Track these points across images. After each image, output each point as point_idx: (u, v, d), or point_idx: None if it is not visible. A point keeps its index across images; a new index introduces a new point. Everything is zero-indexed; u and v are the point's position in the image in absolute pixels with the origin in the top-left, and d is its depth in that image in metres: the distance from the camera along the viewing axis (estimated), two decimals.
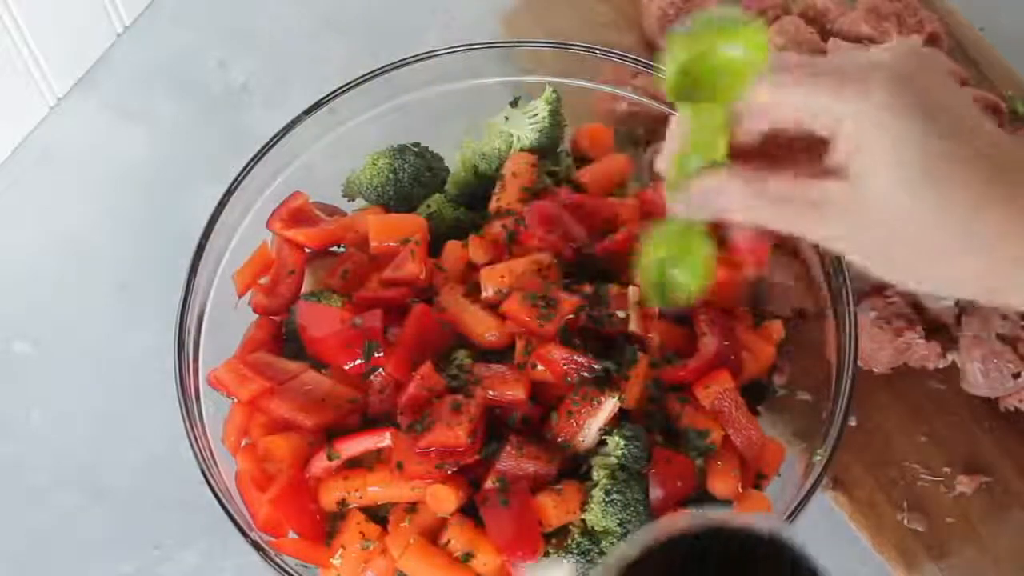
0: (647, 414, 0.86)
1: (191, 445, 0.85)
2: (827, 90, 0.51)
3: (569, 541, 0.83)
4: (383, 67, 0.99)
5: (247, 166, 0.95)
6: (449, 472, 0.82)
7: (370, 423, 0.87)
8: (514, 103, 1.01)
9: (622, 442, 0.83)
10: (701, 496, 0.86)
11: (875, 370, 1.02)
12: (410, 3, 1.28)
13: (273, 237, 0.96)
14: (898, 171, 0.48)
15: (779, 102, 0.54)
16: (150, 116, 1.22)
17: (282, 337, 0.94)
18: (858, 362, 0.86)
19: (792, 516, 0.82)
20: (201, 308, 0.92)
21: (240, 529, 0.82)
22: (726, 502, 0.86)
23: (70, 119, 1.21)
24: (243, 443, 0.89)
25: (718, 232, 0.67)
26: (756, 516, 0.65)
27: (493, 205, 0.96)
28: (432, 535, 0.83)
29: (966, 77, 1.14)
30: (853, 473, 0.99)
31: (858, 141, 0.49)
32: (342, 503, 0.85)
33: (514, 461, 0.82)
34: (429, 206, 0.97)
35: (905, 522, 0.97)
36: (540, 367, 0.85)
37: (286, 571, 0.81)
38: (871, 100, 0.48)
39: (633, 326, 0.87)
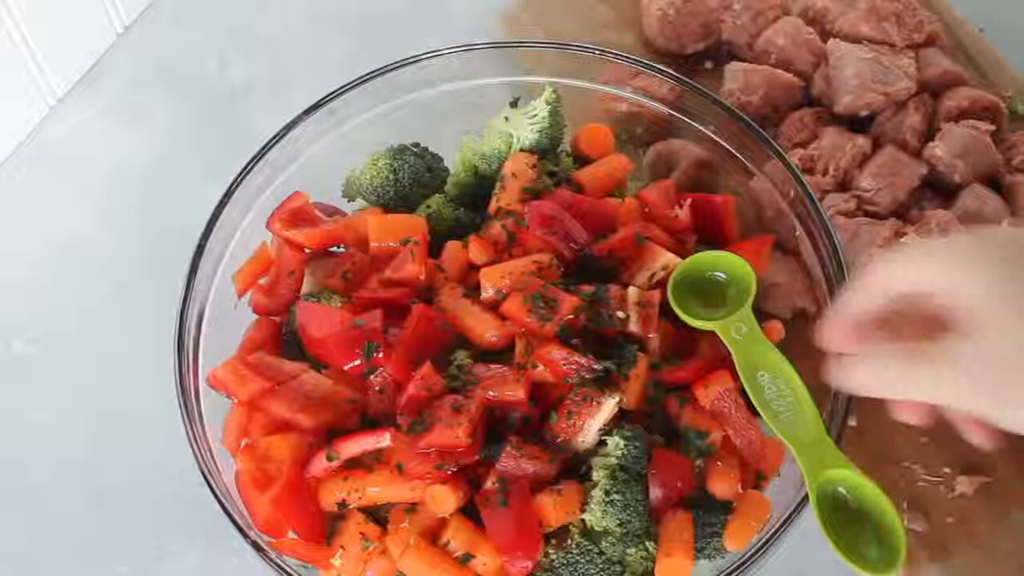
0: (647, 414, 0.87)
1: (191, 445, 0.85)
2: (939, 270, 0.64)
3: (569, 541, 0.83)
4: (383, 67, 0.99)
5: (247, 166, 0.95)
6: (449, 472, 0.82)
7: (370, 423, 0.87)
8: (514, 103, 1.01)
9: (622, 442, 0.83)
10: (701, 496, 0.86)
11: None
12: (410, 3, 1.28)
13: (273, 237, 0.96)
14: (1010, 326, 0.60)
15: (893, 277, 0.67)
16: (150, 116, 1.22)
17: (282, 337, 0.94)
18: None
19: (792, 516, 0.82)
20: (201, 308, 0.92)
21: (240, 529, 0.82)
22: (726, 503, 0.86)
23: (70, 119, 1.21)
24: (243, 443, 0.89)
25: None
26: None
27: (493, 205, 0.96)
28: (432, 535, 0.83)
29: (966, 77, 1.14)
30: None
31: (974, 307, 0.61)
32: (342, 503, 0.85)
33: (514, 462, 0.82)
34: (429, 206, 0.97)
35: (905, 522, 0.97)
36: (540, 367, 0.85)
37: (286, 571, 0.81)
38: (985, 278, 0.62)
39: (633, 326, 0.87)
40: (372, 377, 0.87)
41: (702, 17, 1.18)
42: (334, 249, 0.97)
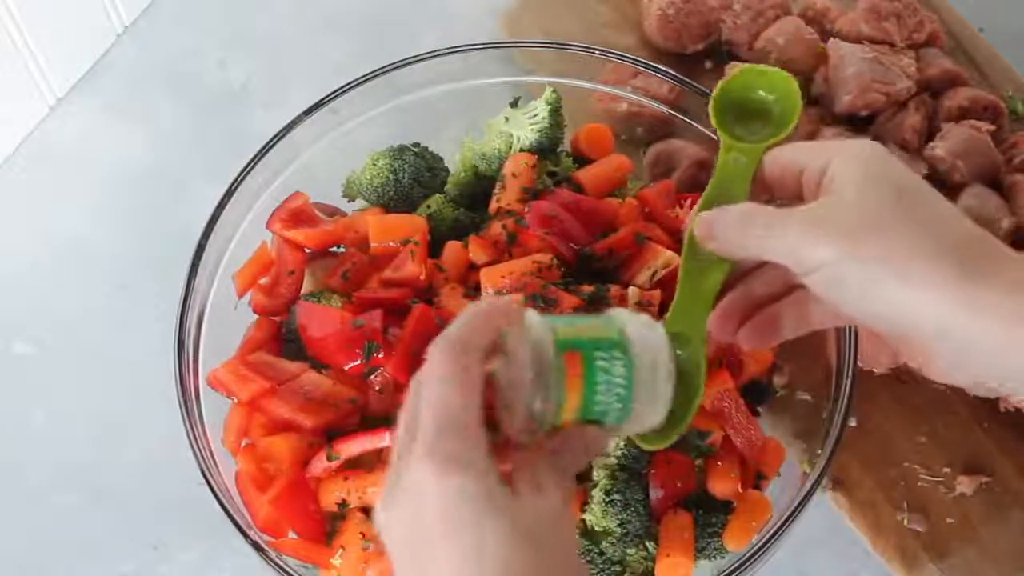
0: None
1: (191, 445, 0.85)
2: (819, 147, 0.68)
3: None
4: (383, 67, 0.99)
5: (247, 166, 0.95)
6: None
7: (370, 423, 0.87)
8: (514, 103, 1.01)
9: (622, 442, 0.83)
10: (701, 496, 0.86)
11: (875, 371, 1.02)
12: (410, 3, 1.28)
13: (273, 237, 0.96)
14: (865, 181, 0.64)
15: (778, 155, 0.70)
16: (150, 116, 1.22)
17: (282, 337, 0.94)
18: (858, 362, 0.86)
19: (792, 516, 0.82)
20: (201, 308, 0.92)
21: (240, 529, 0.82)
22: (726, 503, 0.86)
23: (70, 119, 1.21)
24: (243, 443, 0.89)
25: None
26: None
27: (493, 205, 0.96)
28: None
29: (966, 77, 1.14)
30: (853, 473, 0.99)
31: (838, 170, 0.64)
32: (342, 503, 0.85)
33: None
34: (429, 206, 0.97)
35: (905, 522, 0.97)
36: None
37: (286, 571, 0.81)
38: (850, 150, 0.66)
39: None
40: (372, 377, 0.87)
41: (702, 17, 1.18)
42: (334, 249, 0.97)
